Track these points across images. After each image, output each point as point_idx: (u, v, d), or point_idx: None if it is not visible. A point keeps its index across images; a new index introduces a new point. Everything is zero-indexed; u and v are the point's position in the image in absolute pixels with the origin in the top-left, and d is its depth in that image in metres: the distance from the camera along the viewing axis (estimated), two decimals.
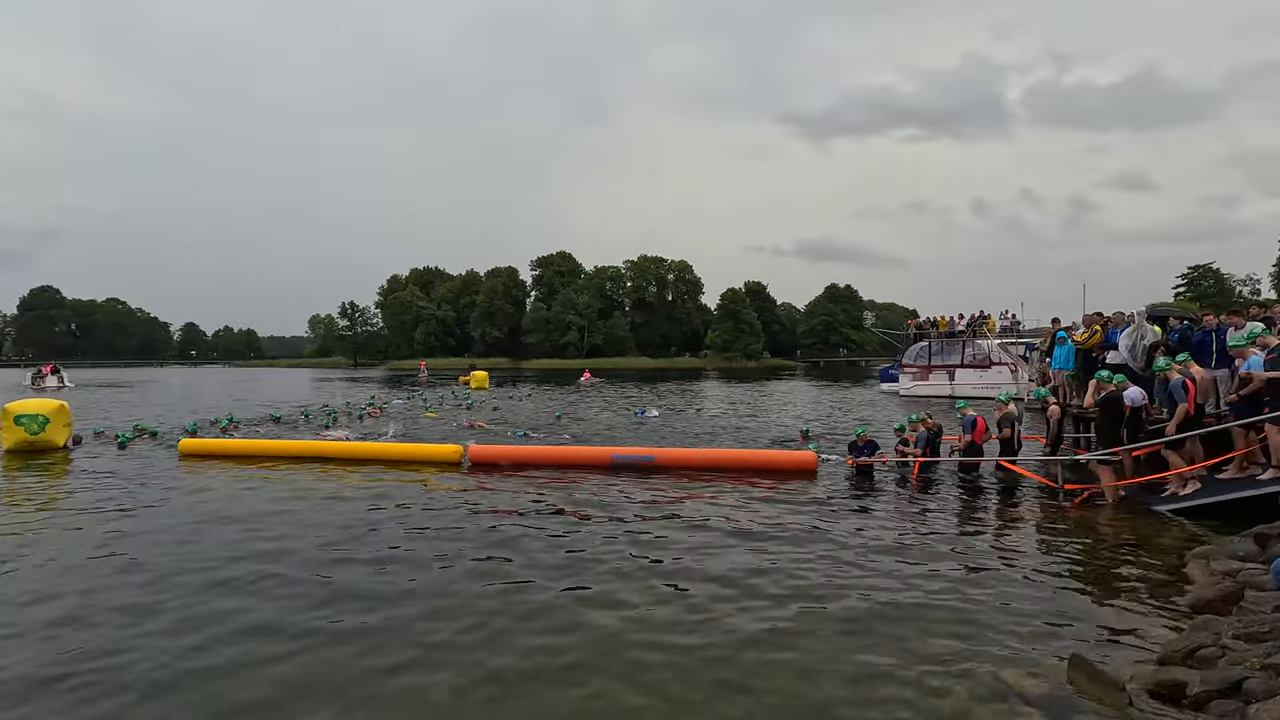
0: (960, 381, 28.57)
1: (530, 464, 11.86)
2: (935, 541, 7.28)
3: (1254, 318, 9.82)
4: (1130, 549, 6.89)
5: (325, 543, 7.21)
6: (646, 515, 8.37)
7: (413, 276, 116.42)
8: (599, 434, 17.15)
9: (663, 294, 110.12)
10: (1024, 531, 7.80)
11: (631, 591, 5.76)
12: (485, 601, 5.52)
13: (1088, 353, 11.94)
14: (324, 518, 8.32)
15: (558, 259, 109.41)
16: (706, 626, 5.03)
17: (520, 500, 9.26)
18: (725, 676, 4.29)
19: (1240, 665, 3.68)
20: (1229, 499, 7.54)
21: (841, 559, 6.61)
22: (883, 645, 4.66)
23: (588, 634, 4.92)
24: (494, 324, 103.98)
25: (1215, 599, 4.95)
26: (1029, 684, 4.00)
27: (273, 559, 6.66)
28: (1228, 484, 7.91)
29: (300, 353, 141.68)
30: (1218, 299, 47.96)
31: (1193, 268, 62.62)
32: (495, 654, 4.61)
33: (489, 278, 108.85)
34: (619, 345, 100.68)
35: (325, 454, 12.86)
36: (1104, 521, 7.96)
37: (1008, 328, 30.81)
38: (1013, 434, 10.22)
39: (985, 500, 9.31)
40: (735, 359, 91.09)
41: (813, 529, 7.74)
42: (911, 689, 4.06)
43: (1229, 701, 3.41)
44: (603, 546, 7.07)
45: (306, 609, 5.39)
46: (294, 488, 10.21)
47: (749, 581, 5.96)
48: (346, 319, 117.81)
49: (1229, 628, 4.28)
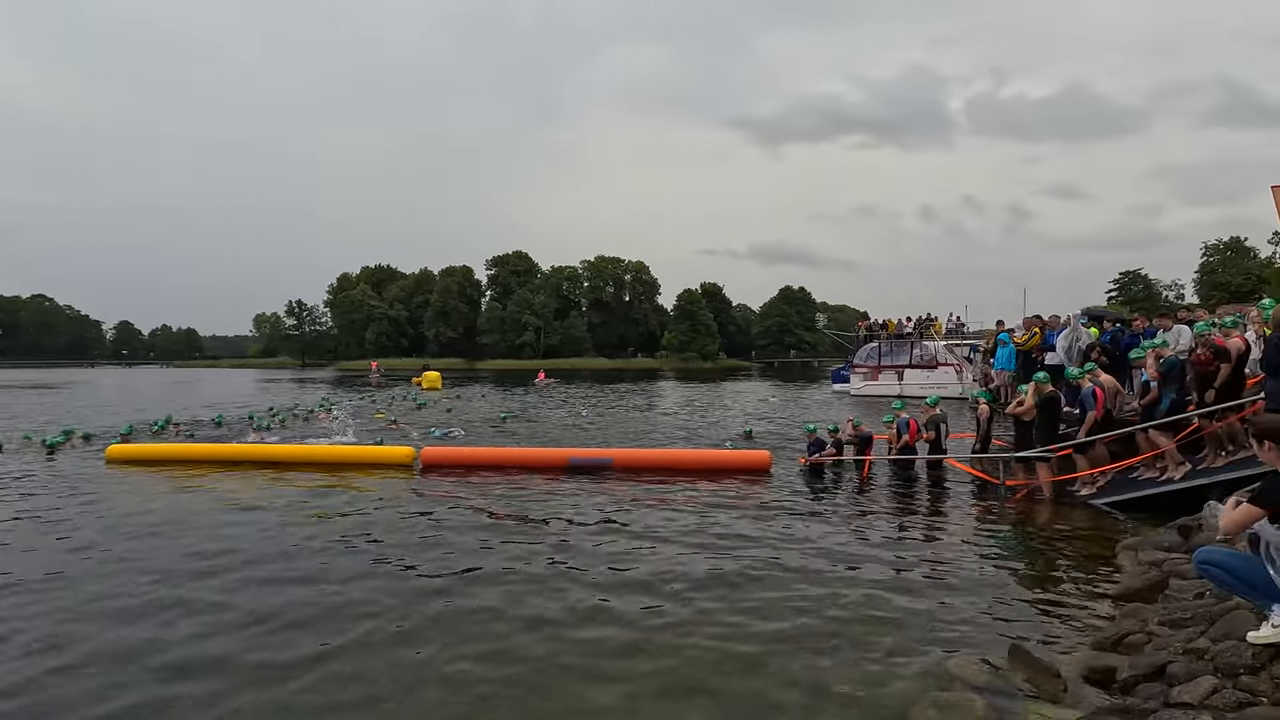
0: (909, 382, 29.39)
1: (486, 467, 11.69)
2: (881, 538, 7.48)
3: (1181, 321, 10.42)
4: (1066, 542, 7.21)
5: (263, 559, 6.71)
6: (603, 519, 8.35)
7: (364, 275, 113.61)
8: (537, 435, 17.06)
9: (620, 295, 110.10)
10: (965, 527, 8.08)
11: (584, 596, 5.74)
12: (434, 617, 5.33)
13: (1028, 354, 12.45)
14: (263, 530, 7.87)
15: (514, 258, 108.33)
16: (658, 627, 5.05)
17: (474, 506, 9.05)
18: (677, 676, 4.32)
19: (1164, 650, 3.88)
20: (1144, 495, 8.07)
21: (791, 557, 6.72)
22: (832, 640, 4.76)
23: (534, 640, 4.87)
24: (448, 324, 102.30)
25: (1142, 588, 5.21)
26: (972, 673, 4.15)
27: (204, 577, 6.12)
28: (1143, 481, 8.39)
29: (244, 353, 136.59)
30: (1147, 303, 50.50)
31: (1124, 273, 65.84)
32: (443, 673, 4.53)
33: (443, 277, 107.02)
34: (576, 346, 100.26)
35: (269, 458, 12.41)
36: (1042, 516, 8.30)
37: (953, 330, 31.88)
38: (938, 435, 10.68)
39: (927, 498, 9.60)
40: (691, 360, 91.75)
41: (764, 528, 7.86)
42: (860, 682, 4.16)
43: (1154, 684, 3.60)
44: (557, 553, 7.00)
45: (238, 637, 4.86)
46: (233, 496, 9.77)
47: (701, 581, 6.01)
48: (294, 318, 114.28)
49: (1155, 615, 4.52)
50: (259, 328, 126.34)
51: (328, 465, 11.95)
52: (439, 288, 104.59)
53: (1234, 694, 3.17)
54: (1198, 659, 3.61)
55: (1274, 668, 3.22)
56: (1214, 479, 7.35)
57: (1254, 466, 6.37)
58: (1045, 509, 8.62)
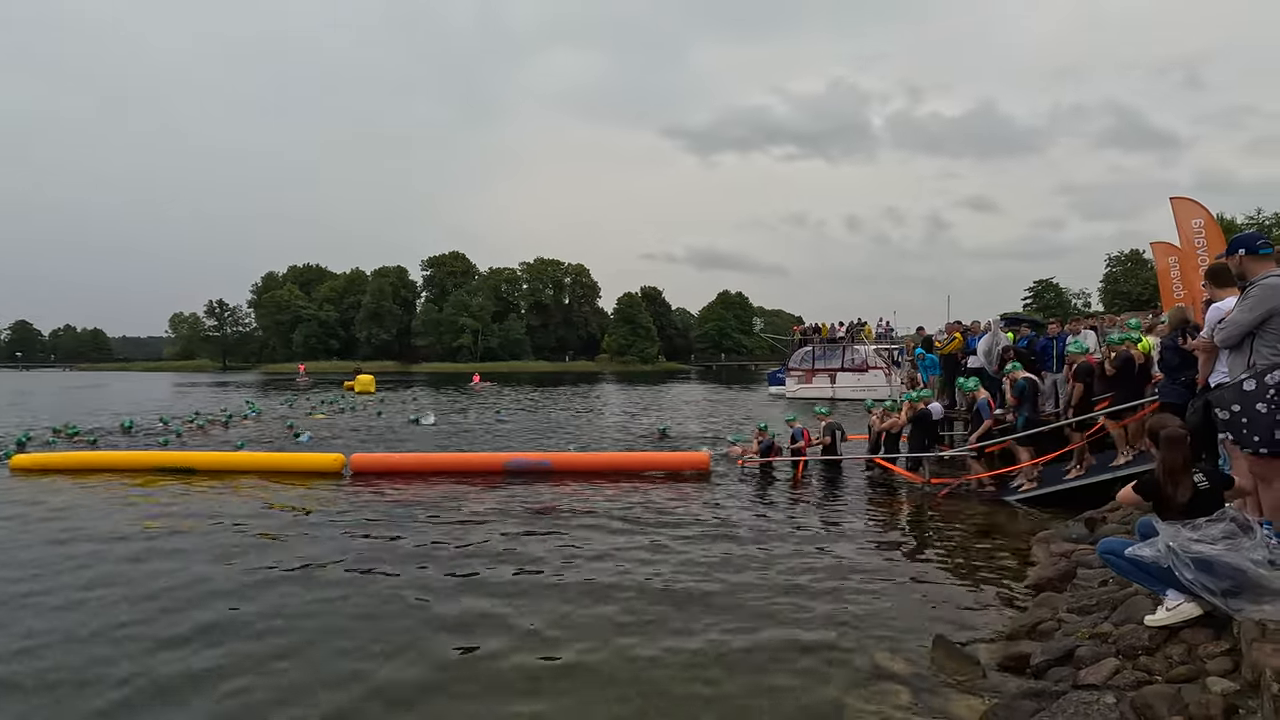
0: (841, 385, 30.36)
1: (419, 473, 11.40)
2: (812, 537, 7.68)
3: (1090, 327, 11.17)
4: (985, 537, 7.59)
5: (177, 573, 6.36)
6: (539, 525, 8.28)
7: (291, 274, 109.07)
8: (441, 439, 16.80)
9: (559, 297, 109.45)
10: (891, 524, 8.41)
11: (522, 601, 5.68)
12: (352, 630, 5.15)
13: (951, 357, 13.04)
14: (179, 543, 7.46)
15: (450, 259, 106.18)
16: (597, 625, 5.05)
17: (405, 514, 8.79)
18: (615, 674, 4.33)
19: (1073, 636, 4.13)
20: (1056, 490, 8.62)
21: (726, 557, 6.83)
22: (765, 637, 4.86)
23: (464, 648, 4.79)
24: (381, 326, 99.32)
25: (1054, 578, 5.53)
26: (898, 665, 4.32)
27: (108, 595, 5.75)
28: (1057, 479, 8.94)
29: (159, 355, 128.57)
30: (1058, 310, 53.66)
31: (1038, 281, 69.85)
32: (372, 684, 4.39)
33: (376, 277, 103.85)
34: (514, 348, 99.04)
35: (187, 465, 11.79)
36: (963, 513, 8.71)
37: (883, 334, 33.12)
38: (833, 440, 11.31)
39: (855, 500, 9.89)
40: (631, 363, 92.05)
41: (701, 529, 7.95)
42: (795, 677, 4.26)
43: (1064, 668, 3.83)
44: (489, 559, 6.88)
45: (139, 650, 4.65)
46: (146, 505, 9.25)
47: (637, 583, 6.04)
48: (214, 319, 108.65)
49: (1064, 603, 4.80)
50: (175, 328, 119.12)
51: (252, 472, 11.43)
52: (372, 288, 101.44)
53: (1133, 674, 3.40)
54: (1102, 643, 3.85)
55: (1168, 648, 3.47)
56: (1117, 474, 7.89)
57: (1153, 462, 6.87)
58: (967, 505, 9.04)
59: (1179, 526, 3.48)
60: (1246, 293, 3.72)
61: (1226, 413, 3.58)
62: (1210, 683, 3.02)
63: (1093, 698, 3.28)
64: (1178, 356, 6.17)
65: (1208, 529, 3.41)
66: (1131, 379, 8.21)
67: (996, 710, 3.58)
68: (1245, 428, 3.53)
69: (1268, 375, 3.51)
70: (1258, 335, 3.64)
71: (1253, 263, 3.77)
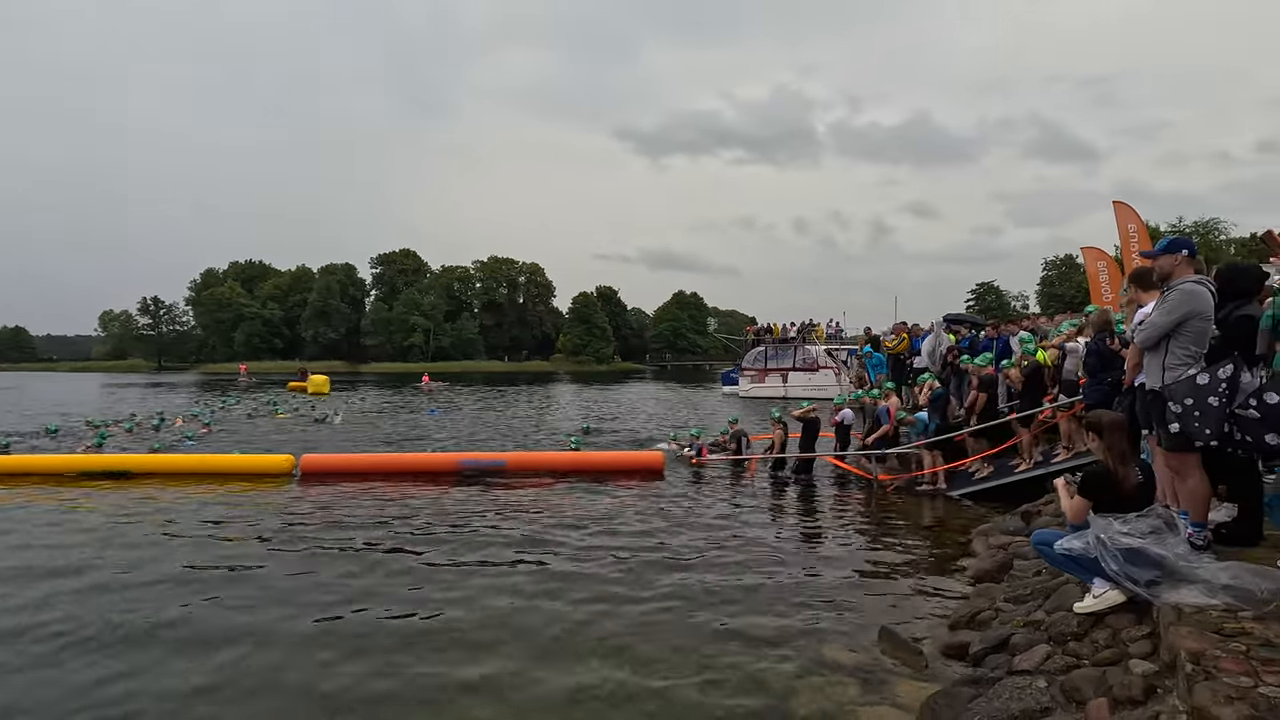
0: (793, 384, 30.92)
1: (372, 474, 11.17)
2: (760, 533, 7.84)
3: (1024, 329, 11.64)
4: (929, 530, 7.87)
5: (115, 585, 6.13)
6: (495, 525, 8.22)
7: (232, 271, 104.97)
8: (373, 439, 16.55)
9: (514, 297, 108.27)
10: (840, 520, 8.63)
11: (472, 601, 5.63)
12: (309, 635, 5.07)
13: (898, 357, 13.44)
14: (122, 546, 7.21)
15: (400, 257, 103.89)
16: (548, 623, 5.05)
17: (357, 516, 8.62)
18: (567, 669, 4.34)
19: (1009, 624, 4.33)
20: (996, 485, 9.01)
21: (678, 553, 6.92)
22: (712, 631, 4.95)
23: (414, 652, 4.74)
24: (328, 324, 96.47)
25: (992, 569, 5.78)
26: (846, 656, 4.46)
27: (38, 611, 5.56)
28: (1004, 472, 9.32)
29: (88, 355, 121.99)
30: (999, 311, 55.86)
31: (980, 284, 72.72)
32: (321, 691, 4.30)
33: (323, 275, 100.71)
34: (467, 348, 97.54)
35: (122, 468, 11.28)
36: (908, 508, 9.00)
37: (833, 335, 33.91)
38: (739, 447, 12.32)
39: (804, 496, 10.14)
40: (586, 362, 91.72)
41: (648, 526, 8.03)
42: (741, 670, 4.35)
43: (1000, 655, 4.02)
44: (442, 561, 6.81)
45: (82, 657, 4.52)
46: (79, 514, 8.82)
47: (592, 580, 6.07)
48: (148, 316, 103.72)
49: (1002, 593, 5.03)
50: (106, 327, 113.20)
51: (198, 475, 11.06)
52: (318, 286, 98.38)
53: (1063, 658, 3.59)
54: (1035, 630, 4.05)
55: (1095, 633, 3.67)
56: (1050, 469, 8.30)
57: (1088, 458, 7.23)
58: (911, 502, 9.35)
59: (1110, 520, 3.67)
60: (1165, 296, 3.93)
61: (1179, 406, 3.62)
62: (1132, 664, 3.21)
63: (1026, 682, 3.45)
64: (1100, 359, 6.45)
65: (1137, 523, 3.61)
66: (1037, 387, 8.89)
67: (937, 698, 3.72)
68: (1198, 420, 3.59)
69: (1220, 370, 3.60)
70: (1173, 337, 3.83)
71: (1187, 265, 3.97)
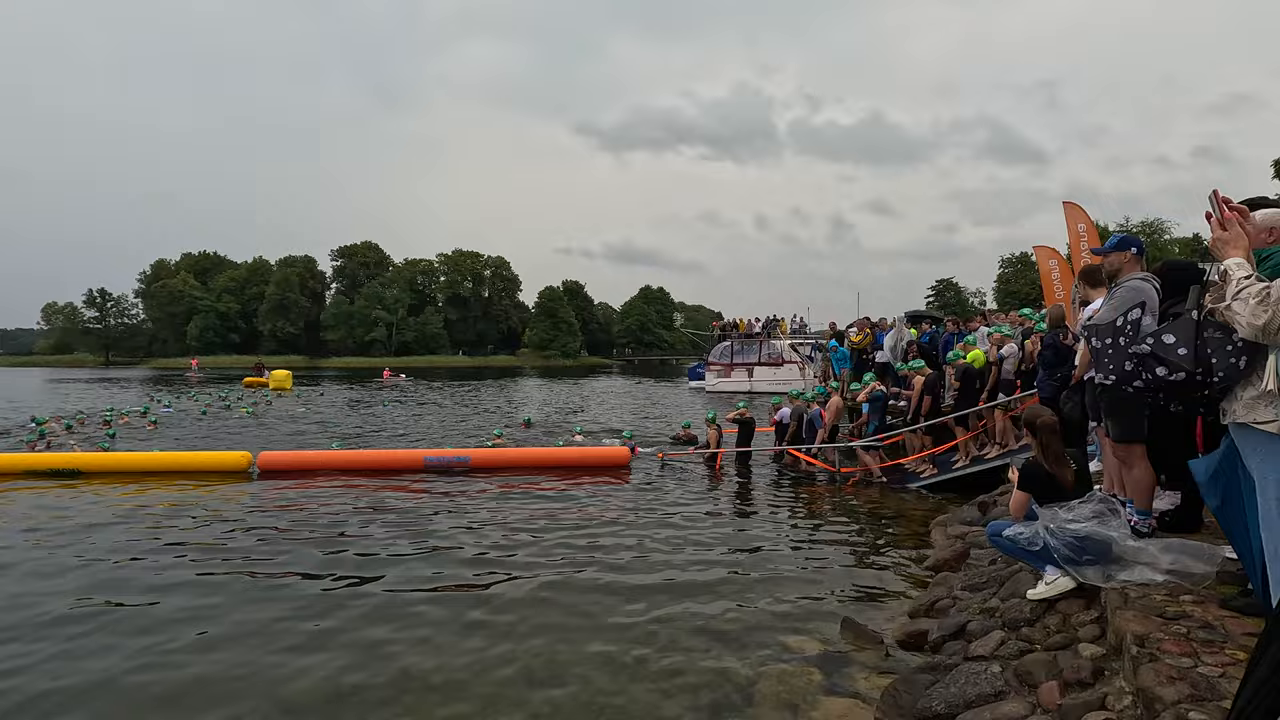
0: (758, 379, 31.24)
1: (333, 470, 10.95)
2: (725, 526, 7.93)
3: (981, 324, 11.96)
4: (889, 521, 8.04)
5: (64, 587, 5.99)
6: (459, 521, 8.13)
7: (185, 263, 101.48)
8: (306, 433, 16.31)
9: (479, 290, 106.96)
10: (802, 512, 8.77)
11: (440, 599, 5.59)
12: (263, 636, 4.94)
13: (861, 352, 13.70)
14: (70, 548, 6.97)
15: (363, 249, 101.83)
16: (511, 624, 5.03)
17: (317, 514, 8.43)
18: (527, 667, 4.33)
19: (965, 612, 4.46)
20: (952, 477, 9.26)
21: (644, 546, 6.96)
22: (677, 623, 4.99)
23: (387, 657, 4.69)
24: (287, 318, 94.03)
25: (950, 558, 5.94)
26: (808, 646, 4.54)
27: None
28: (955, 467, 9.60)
29: (29, 349, 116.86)
30: (958, 308, 57.23)
31: (939, 281, 74.26)
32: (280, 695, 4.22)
33: (281, 267, 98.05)
34: (431, 343, 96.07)
35: (71, 467, 10.86)
36: (870, 500, 9.19)
37: (797, 330, 34.32)
38: (711, 444, 12.40)
39: (769, 490, 10.26)
40: (553, 357, 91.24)
41: (613, 521, 8.04)
42: (706, 661, 4.40)
43: (957, 642, 4.13)
44: (404, 559, 6.72)
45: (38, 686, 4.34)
46: (19, 511, 8.46)
47: (559, 575, 6.06)
48: (95, 309, 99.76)
49: (959, 582, 5.17)
50: (49, 319, 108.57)
51: (150, 473, 10.72)
52: (276, 279, 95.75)
53: (1016, 644, 3.71)
54: (990, 617, 4.18)
55: (1046, 619, 3.81)
56: (984, 466, 8.74)
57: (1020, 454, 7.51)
58: (873, 494, 9.54)
59: (1056, 509, 3.82)
60: (1112, 293, 4.08)
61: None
62: (1081, 648, 3.34)
63: (981, 668, 3.56)
64: (1056, 353, 6.67)
65: (1080, 509, 3.77)
66: (971, 388, 9.33)
67: (897, 685, 3.82)
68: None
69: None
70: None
71: (1135, 263, 4.14)
